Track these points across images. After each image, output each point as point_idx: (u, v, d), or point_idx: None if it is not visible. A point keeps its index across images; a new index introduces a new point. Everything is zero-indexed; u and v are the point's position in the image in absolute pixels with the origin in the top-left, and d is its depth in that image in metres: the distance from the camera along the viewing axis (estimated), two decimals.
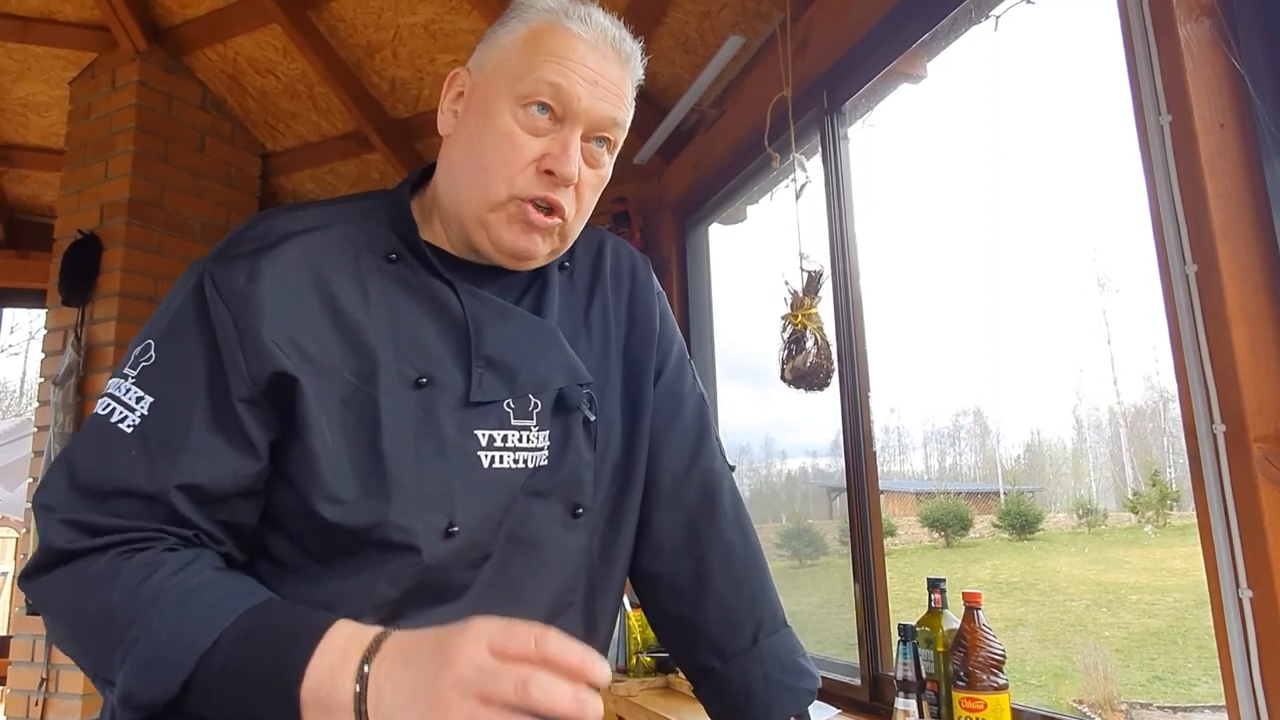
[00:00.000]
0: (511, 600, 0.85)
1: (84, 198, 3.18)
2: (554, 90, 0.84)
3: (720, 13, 2.56)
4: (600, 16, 0.90)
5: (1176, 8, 1.26)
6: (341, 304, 0.83)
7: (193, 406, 0.77)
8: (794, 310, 2.04)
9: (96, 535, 0.73)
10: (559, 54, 0.85)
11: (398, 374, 0.82)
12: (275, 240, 0.84)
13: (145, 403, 0.77)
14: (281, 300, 0.80)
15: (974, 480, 23.76)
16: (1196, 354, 1.21)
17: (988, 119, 30.84)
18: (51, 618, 0.76)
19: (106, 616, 0.71)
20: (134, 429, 0.76)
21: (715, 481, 1.04)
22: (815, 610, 3.26)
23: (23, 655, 2.93)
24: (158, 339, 0.80)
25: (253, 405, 0.78)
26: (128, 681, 0.68)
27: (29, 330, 16.27)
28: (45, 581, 0.74)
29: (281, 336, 0.79)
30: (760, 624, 0.99)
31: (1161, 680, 8.22)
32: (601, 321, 0.99)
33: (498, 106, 0.86)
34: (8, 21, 3.10)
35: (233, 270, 0.81)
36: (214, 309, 0.79)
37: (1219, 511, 1.17)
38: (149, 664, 0.68)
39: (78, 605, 0.73)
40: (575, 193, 0.89)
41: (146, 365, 0.79)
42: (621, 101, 0.90)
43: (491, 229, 0.87)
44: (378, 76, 3.23)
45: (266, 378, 0.78)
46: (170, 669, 0.67)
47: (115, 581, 0.71)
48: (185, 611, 0.69)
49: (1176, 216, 1.24)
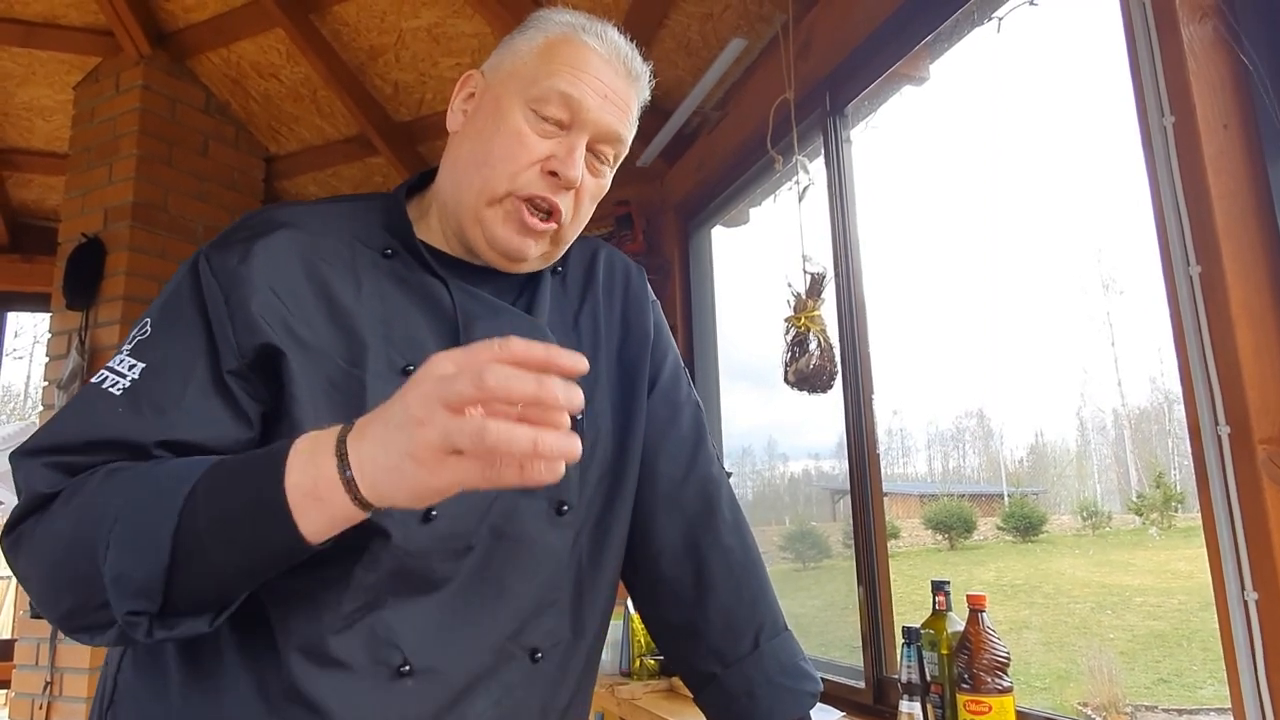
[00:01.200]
0: (495, 594, 0.85)
1: (88, 201, 3.19)
2: (565, 98, 0.87)
3: (722, 15, 2.56)
4: (615, 35, 0.93)
5: (1179, 9, 1.25)
6: (333, 291, 0.84)
7: (185, 371, 0.78)
8: (797, 313, 2.04)
9: (77, 474, 0.73)
10: (574, 64, 0.88)
11: (386, 361, 0.83)
12: (272, 228, 0.86)
13: (137, 369, 0.79)
14: (273, 280, 0.82)
15: (978, 482, 23.72)
16: (1201, 356, 1.21)
17: (990, 121, 30.83)
18: (28, 561, 0.73)
19: (80, 520, 0.70)
20: (123, 391, 0.77)
21: (713, 487, 1.04)
22: (819, 613, 3.25)
23: (27, 659, 2.94)
24: (154, 316, 0.83)
25: (240, 378, 0.79)
26: (117, 564, 0.66)
27: (33, 334, 16.32)
28: (25, 525, 0.73)
29: (270, 313, 0.80)
30: (761, 628, 0.99)
31: (1167, 683, 8.20)
32: (591, 326, 1.00)
33: (509, 106, 0.88)
34: (12, 26, 3.11)
35: (227, 253, 0.83)
36: (206, 286, 0.81)
37: (1224, 514, 1.17)
38: (132, 537, 0.67)
39: (52, 525, 0.71)
40: (574, 198, 0.90)
41: (141, 339, 0.81)
42: (627, 117, 0.92)
43: (486, 225, 0.88)
44: (381, 80, 3.24)
45: (254, 350, 0.79)
46: (154, 534, 0.66)
47: (81, 489, 0.71)
48: (154, 485, 0.69)
49: (1180, 217, 1.24)
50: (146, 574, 0.66)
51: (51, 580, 0.72)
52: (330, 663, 0.77)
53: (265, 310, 0.80)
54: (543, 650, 0.88)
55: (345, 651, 0.78)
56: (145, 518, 0.67)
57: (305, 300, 0.83)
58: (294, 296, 0.82)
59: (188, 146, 3.32)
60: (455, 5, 2.85)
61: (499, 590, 0.85)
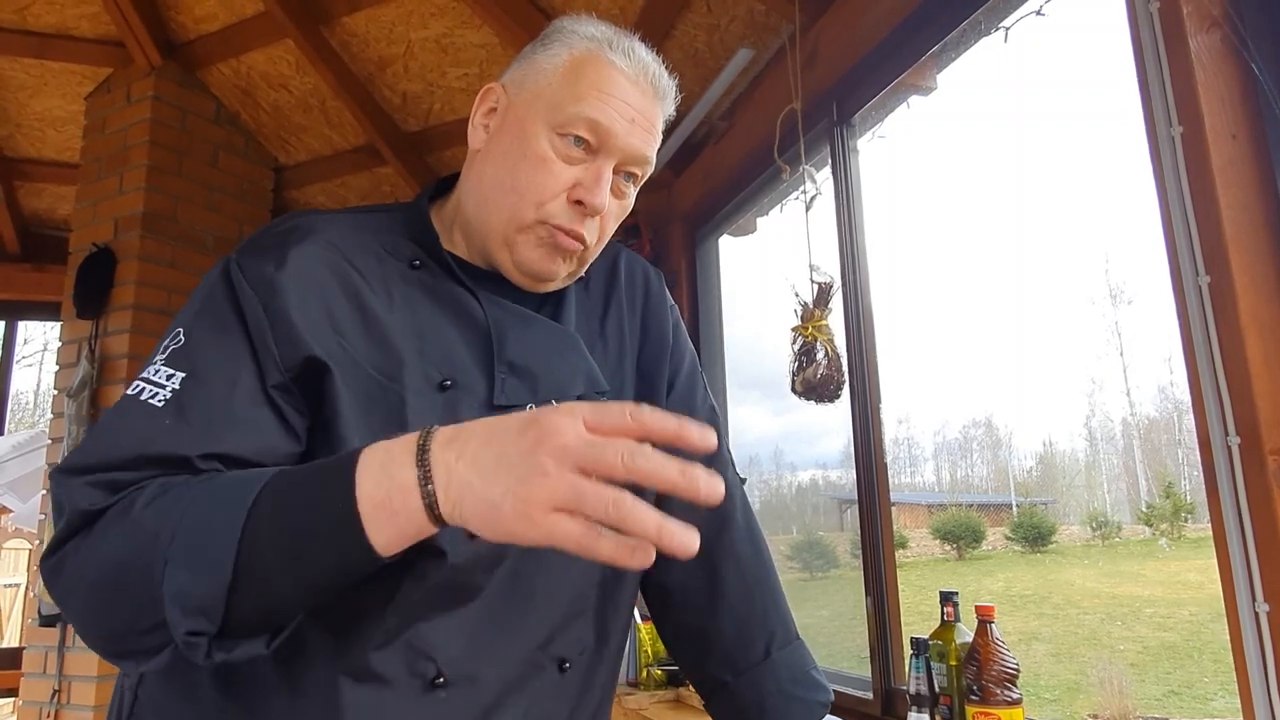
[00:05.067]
0: (525, 604, 0.85)
1: (98, 211, 3.21)
2: (593, 124, 0.85)
3: (729, 25, 2.57)
4: (643, 51, 0.90)
5: (1187, 19, 1.25)
6: (366, 302, 0.83)
7: (229, 379, 0.75)
8: (804, 322, 2.04)
9: (122, 490, 0.70)
10: (601, 87, 0.85)
11: (423, 375, 0.82)
12: (301, 236, 0.84)
13: (176, 378, 0.75)
14: (310, 289, 0.80)
15: (986, 492, 23.64)
16: (1210, 366, 1.20)
17: (997, 131, 30.78)
18: (72, 584, 0.69)
19: (132, 538, 0.66)
20: (166, 402, 0.73)
21: (727, 494, 1.03)
22: (826, 623, 3.24)
23: (35, 667, 2.94)
24: (186, 324, 0.79)
25: (284, 391, 0.77)
26: (176, 580, 0.63)
27: (43, 342, 16.41)
28: (68, 548, 0.69)
29: (311, 324, 0.78)
30: (773, 636, 0.98)
31: (1177, 695, 8.14)
32: (617, 332, 1.00)
33: (534, 130, 0.86)
34: (25, 38, 3.14)
35: (260, 260, 0.80)
36: (242, 294, 0.78)
37: (1234, 525, 1.16)
38: (192, 553, 0.63)
39: (101, 547, 0.67)
40: (600, 221, 0.89)
41: (176, 348, 0.77)
42: (653, 139, 0.90)
43: (517, 249, 0.87)
44: (389, 90, 3.26)
45: (299, 363, 0.77)
46: (216, 549, 0.63)
47: (132, 507, 0.68)
48: (213, 499, 0.66)
49: (1189, 227, 1.24)
50: (208, 591, 0.62)
51: (98, 602, 0.68)
52: (370, 677, 0.76)
53: (306, 321, 0.78)
54: (570, 660, 0.88)
55: (384, 665, 0.77)
56: (205, 533, 0.64)
57: (342, 311, 0.81)
58: (331, 307, 0.81)
59: (198, 157, 3.34)
60: (463, 16, 2.87)
61: (529, 600, 0.85)
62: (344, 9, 2.92)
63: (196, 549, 0.63)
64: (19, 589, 7.03)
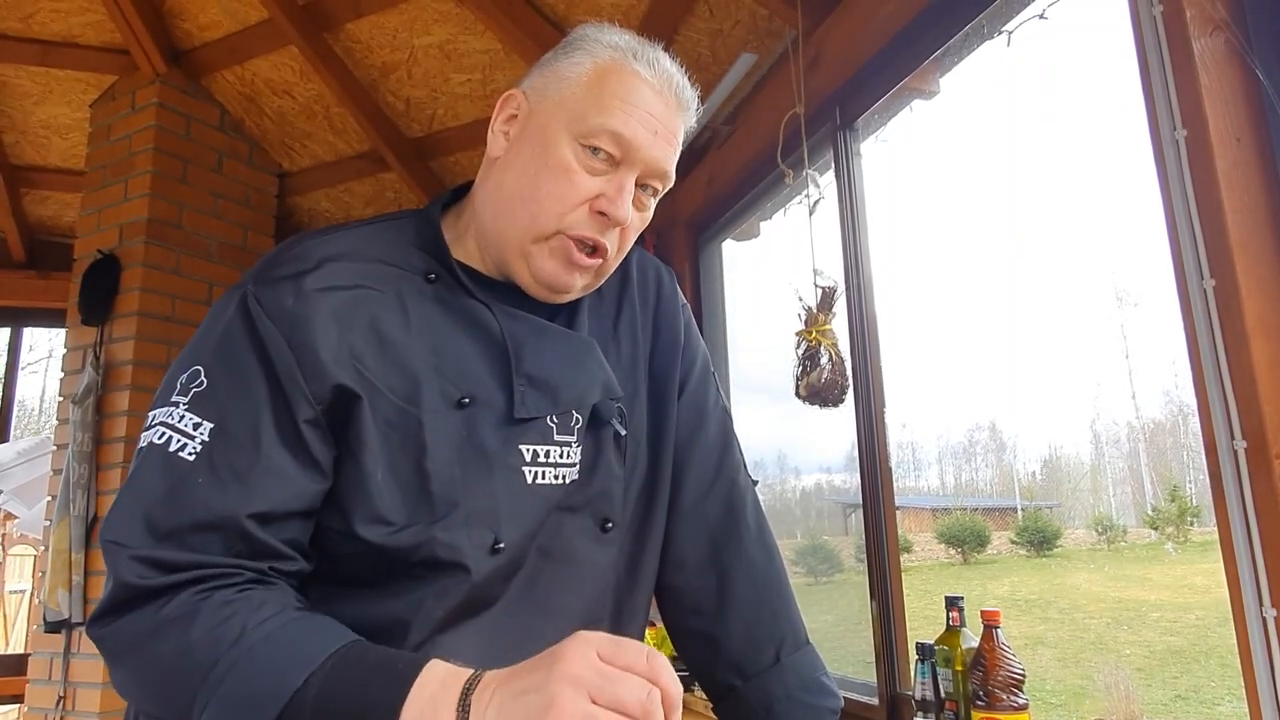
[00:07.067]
0: (541, 613, 0.85)
1: (103, 218, 3.22)
2: (617, 136, 0.84)
3: (732, 30, 2.57)
4: (667, 62, 0.89)
5: (1190, 22, 1.25)
6: (383, 325, 0.82)
7: (257, 429, 0.76)
8: (808, 326, 2.03)
9: (170, 572, 0.71)
10: (625, 98, 0.85)
11: (440, 394, 0.82)
12: (315, 263, 0.83)
13: (205, 428, 0.75)
14: (328, 319, 0.79)
15: (991, 496, 23.58)
16: (1215, 369, 1.20)
17: (1001, 134, 30.78)
18: (121, 663, 0.73)
19: (185, 657, 0.68)
20: (196, 456, 0.74)
21: (739, 496, 1.03)
22: (832, 628, 3.23)
23: (40, 673, 2.94)
24: (207, 363, 0.78)
25: (315, 426, 0.77)
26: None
27: (48, 349, 16.43)
28: (116, 627, 0.72)
29: (336, 354, 0.78)
30: (782, 641, 0.98)
31: (1184, 699, 8.11)
32: (630, 334, 0.99)
33: (557, 140, 0.85)
34: (30, 46, 3.15)
35: (277, 291, 0.80)
36: (263, 329, 0.78)
37: (1241, 529, 1.16)
38: (236, 703, 0.66)
39: (154, 648, 0.70)
40: (619, 233, 0.89)
41: (199, 391, 0.77)
42: (674, 151, 0.90)
43: (533, 260, 0.87)
44: (393, 96, 3.26)
45: (329, 395, 0.77)
46: (260, 710, 0.65)
47: (194, 621, 0.69)
48: (272, 651, 0.67)
49: (1194, 231, 1.24)
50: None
51: (147, 695, 0.73)
52: None
53: (331, 353, 0.78)
54: None
55: None
56: (254, 690, 0.66)
57: (359, 337, 0.81)
58: (351, 334, 0.80)
59: (202, 164, 3.35)
60: (466, 22, 2.87)
61: (545, 609, 0.85)
62: (347, 16, 2.93)
63: (241, 703, 0.66)
64: (24, 595, 7.03)
